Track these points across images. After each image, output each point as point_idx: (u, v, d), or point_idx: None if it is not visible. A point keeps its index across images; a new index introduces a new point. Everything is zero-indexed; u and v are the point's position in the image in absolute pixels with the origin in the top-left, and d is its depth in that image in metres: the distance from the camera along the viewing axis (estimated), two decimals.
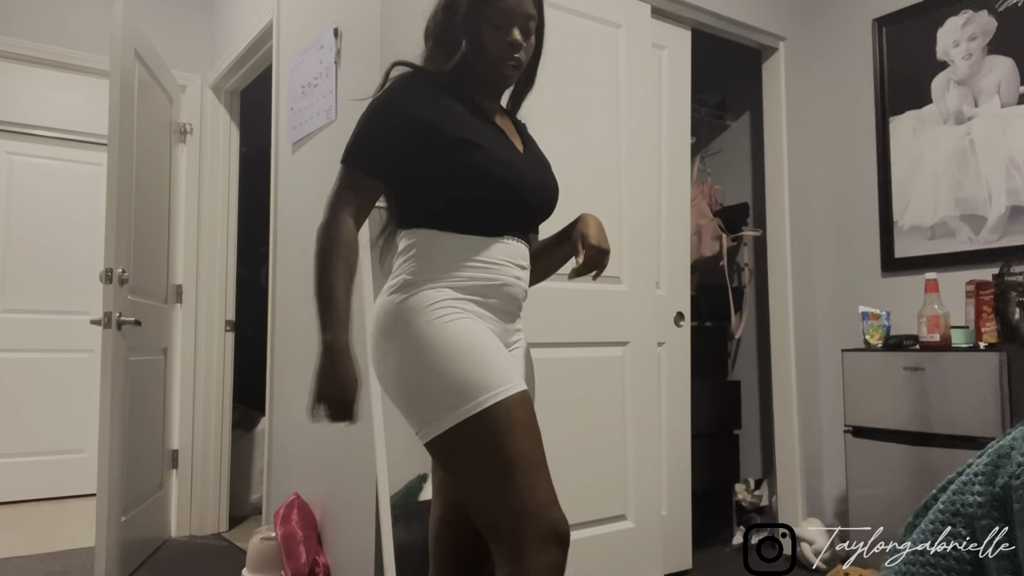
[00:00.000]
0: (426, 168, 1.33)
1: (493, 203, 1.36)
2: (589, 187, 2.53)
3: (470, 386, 1.23)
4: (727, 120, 3.76)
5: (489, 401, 1.22)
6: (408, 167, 1.34)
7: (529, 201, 1.42)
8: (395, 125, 1.32)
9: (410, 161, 1.33)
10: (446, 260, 1.33)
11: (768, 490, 3.35)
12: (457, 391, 1.23)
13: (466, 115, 1.36)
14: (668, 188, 2.91)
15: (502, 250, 1.36)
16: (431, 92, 1.34)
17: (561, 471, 2.45)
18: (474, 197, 1.34)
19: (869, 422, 2.63)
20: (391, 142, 1.32)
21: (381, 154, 1.33)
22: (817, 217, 3.28)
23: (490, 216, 1.36)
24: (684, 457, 2.87)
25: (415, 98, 1.33)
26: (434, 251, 1.33)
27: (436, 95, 1.34)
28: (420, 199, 1.36)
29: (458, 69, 1.39)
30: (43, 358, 4.25)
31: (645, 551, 2.58)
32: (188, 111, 3.55)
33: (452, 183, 1.33)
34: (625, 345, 2.60)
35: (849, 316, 3.03)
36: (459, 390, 1.23)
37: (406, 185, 1.37)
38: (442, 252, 1.33)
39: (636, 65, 2.70)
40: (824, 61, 3.31)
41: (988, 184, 2.75)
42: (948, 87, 2.88)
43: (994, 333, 2.47)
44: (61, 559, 3.03)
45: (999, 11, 2.75)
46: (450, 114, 1.33)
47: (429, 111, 1.32)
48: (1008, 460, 0.87)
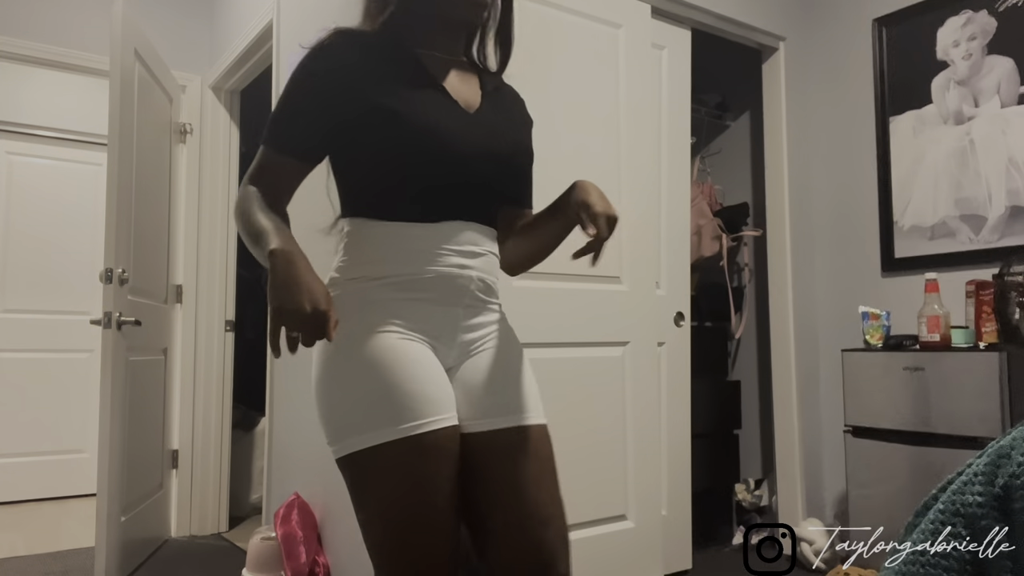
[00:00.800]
0: (342, 144, 1.18)
1: (423, 181, 1.16)
2: None
3: (369, 415, 1.08)
4: (727, 120, 3.76)
5: (379, 439, 1.07)
6: (326, 145, 1.19)
7: (477, 172, 1.19)
8: (303, 96, 1.16)
9: (326, 138, 1.17)
10: (371, 253, 1.17)
11: (768, 490, 3.35)
12: (353, 418, 1.09)
13: (390, 78, 1.16)
14: (668, 188, 2.91)
15: (437, 236, 1.16)
16: (350, 55, 1.16)
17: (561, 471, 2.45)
18: (399, 176, 1.15)
19: (869, 422, 2.63)
20: (300, 116, 1.16)
21: (291, 131, 1.16)
22: (817, 217, 3.28)
23: (422, 197, 1.16)
24: (684, 457, 2.87)
25: (328, 64, 1.15)
26: (360, 243, 1.18)
27: (356, 57, 1.16)
28: (344, 182, 1.22)
29: (395, 22, 1.21)
30: (43, 358, 4.25)
31: (645, 551, 2.58)
32: (188, 111, 3.55)
33: (370, 161, 1.16)
34: (625, 345, 2.60)
35: (849, 316, 3.03)
36: (355, 418, 1.09)
37: (336, 167, 1.22)
38: (368, 244, 1.17)
39: (636, 65, 2.70)
40: (824, 61, 3.31)
41: (988, 184, 2.75)
42: (948, 87, 2.88)
43: (994, 333, 2.47)
44: (61, 559, 3.03)
45: (999, 11, 2.75)
46: (369, 79, 1.15)
47: (341, 78, 1.14)
48: (1008, 460, 0.87)
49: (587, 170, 2.60)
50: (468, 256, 1.19)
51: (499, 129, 1.25)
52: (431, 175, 1.16)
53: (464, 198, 1.19)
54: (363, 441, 1.08)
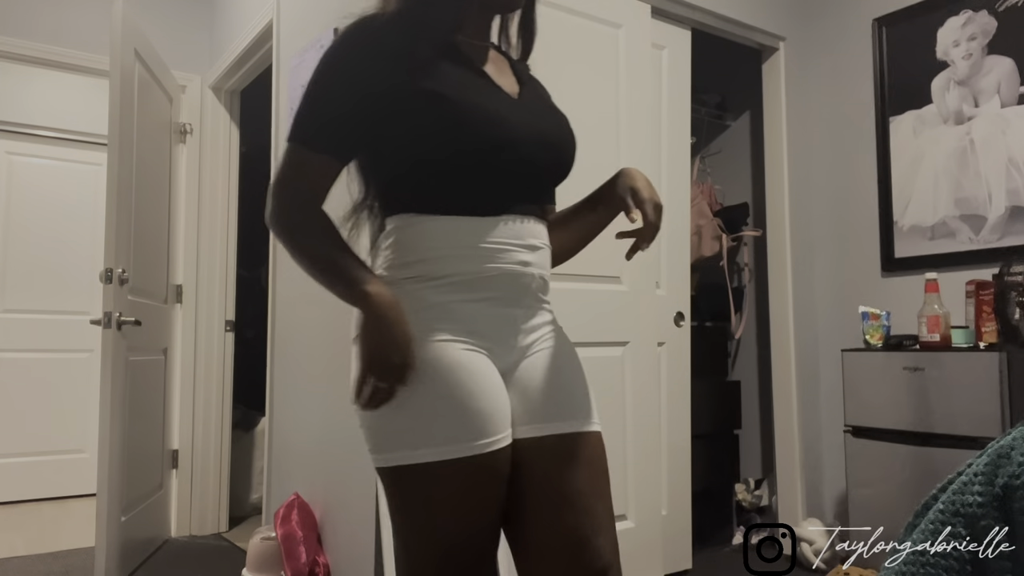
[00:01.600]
0: (389, 135, 1.07)
1: (478, 170, 1.08)
2: (589, 187, 2.53)
3: (430, 429, 1.03)
4: (727, 120, 3.76)
5: (441, 455, 1.02)
6: (368, 137, 1.09)
7: (531, 160, 1.11)
8: (337, 86, 1.06)
9: (368, 129, 1.07)
10: (426, 251, 1.08)
11: (768, 490, 3.35)
12: (412, 431, 1.03)
13: (431, 61, 1.07)
14: (668, 188, 2.91)
15: (501, 231, 1.09)
16: (384, 38, 1.06)
17: None
18: (452, 165, 1.06)
19: (869, 422, 2.63)
20: (334, 108, 1.05)
21: (326, 125, 1.06)
22: (817, 217, 3.28)
23: (478, 187, 1.09)
24: (684, 457, 2.87)
25: (361, 49, 1.05)
26: (412, 241, 1.08)
27: (391, 40, 1.06)
28: (391, 176, 1.11)
29: (426, 4, 1.11)
30: (43, 358, 4.25)
31: (645, 551, 2.58)
32: (188, 111, 3.55)
33: (420, 150, 1.07)
34: (625, 345, 2.60)
35: (849, 316, 3.03)
36: (414, 431, 1.03)
37: (374, 161, 1.12)
38: (421, 241, 1.08)
39: (636, 65, 2.70)
40: (824, 61, 3.31)
41: (988, 184, 2.75)
42: (948, 87, 2.88)
43: (994, 333, 2.47)
44: (61, 559, 3.03)
45: (999, 11, 2.75)
46: (410, 62, 1.05)
47: (377, 63, 1.04)
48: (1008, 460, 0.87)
49: (587, 170, 2.60)
50: (530, 251, 1.12)
51: (546, 116, 1.19)
52: (487, 163, 1.08)
53: (520, 187, 1.12)
54: (422, 456, 1.02)
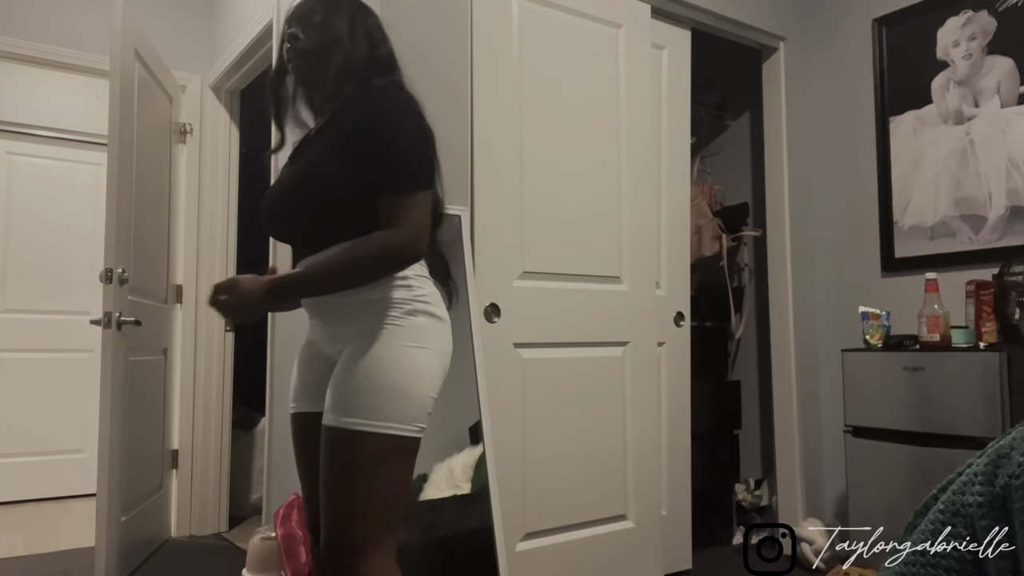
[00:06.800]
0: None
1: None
2: (589, 187, 2.53)
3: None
4: (727, 120, 3.76)
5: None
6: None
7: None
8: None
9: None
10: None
11: (768, 490, 3.35)
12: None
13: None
14: (668, 188, 2.91)
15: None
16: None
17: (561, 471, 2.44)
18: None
19: (869, 422, 2.63)
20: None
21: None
22: (817, 217, 3.28)
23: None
24: (684, 457, 2.87)
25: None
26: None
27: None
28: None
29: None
30: (43, 358, 4.25)
31: (645, 551, 2.58)
32: (188, 111, 3.55)
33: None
34: (625, 345, 2.60)
35: (849, 316, 3.03)
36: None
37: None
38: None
39: (636, 65, 2.70)
40: (824, 61, 3.31)
41: (988, 184, 2.75)
42: (948, 87, 2.88)
43: (994, 333, 2.47)
44: (61, 559, 3.03)
45: (999, 11, 2.75)
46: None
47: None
48: (1008, 460, 0.87)
49: (587, 170, 2.61)
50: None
51: (286, 182, 1.58)
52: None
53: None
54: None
